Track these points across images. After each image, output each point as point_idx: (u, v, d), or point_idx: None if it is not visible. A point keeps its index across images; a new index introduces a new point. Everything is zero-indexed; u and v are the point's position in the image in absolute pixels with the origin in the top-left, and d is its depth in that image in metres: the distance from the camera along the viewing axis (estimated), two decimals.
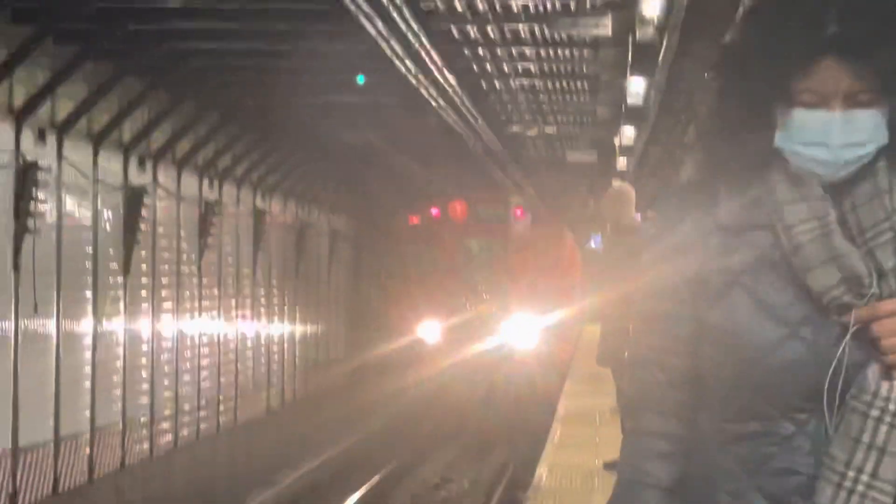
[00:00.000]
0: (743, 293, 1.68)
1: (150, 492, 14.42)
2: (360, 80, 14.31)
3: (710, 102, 1.83)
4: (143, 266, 14.87)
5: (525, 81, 15.99)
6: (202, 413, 16.58)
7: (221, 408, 17.28)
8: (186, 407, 15.83)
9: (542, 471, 10.41)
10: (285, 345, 20.97)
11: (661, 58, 12.49)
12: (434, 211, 22.21)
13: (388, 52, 11.74)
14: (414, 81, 13.33)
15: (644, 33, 11.51)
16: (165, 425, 15.38)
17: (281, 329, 20.34)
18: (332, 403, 20.98)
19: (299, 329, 21.55)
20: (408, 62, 12.41)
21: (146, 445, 14.62)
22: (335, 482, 16.99)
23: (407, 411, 20.56)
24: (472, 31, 13.31)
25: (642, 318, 1.85)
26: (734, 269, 1.70)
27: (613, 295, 10.11)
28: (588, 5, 12.16)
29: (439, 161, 21.16)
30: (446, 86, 13.97)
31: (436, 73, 13.35)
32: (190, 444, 15.84)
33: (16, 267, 11.67)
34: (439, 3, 11.98)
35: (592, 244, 28.65)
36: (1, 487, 11.24)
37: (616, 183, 15.61)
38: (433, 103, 14.66)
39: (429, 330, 21.09)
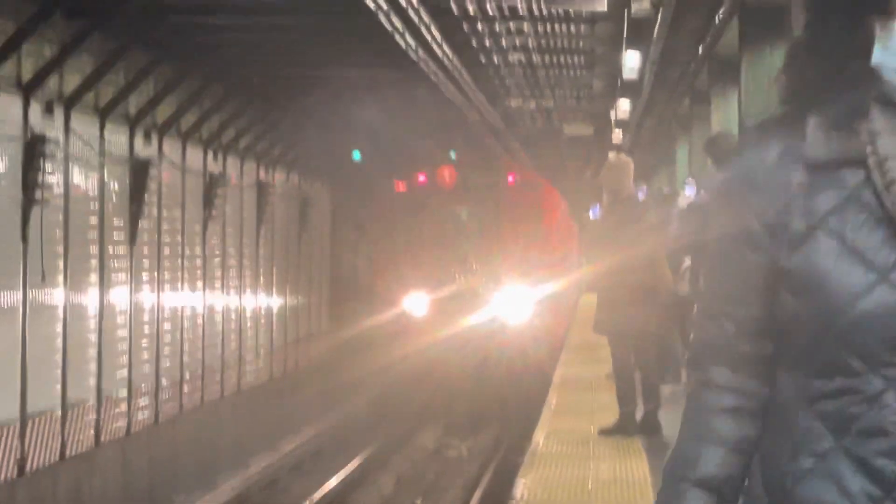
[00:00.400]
0: (828, 236, 1.56)
1: (155, 453, 14.81)
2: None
3: (801, 19, 1.64)
4: (146, 236, 15.14)
5: (522, 56, 16.23)
6: (212, 378, 17.03)
7: (243, 369, 17.96)
8: (187, 375, 16.21)
9: (539, 437, 10.41)
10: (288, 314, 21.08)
11: (655, 32, 12.54)
12: (421, 177, 21.05)
13: (389, 27, 11.89)
14: (413, 56, 13.48)
15: (639, 8, 11.54)
16: (170, 393, 15.62)
17: (282, 299, 20.59)
18: (326, 374, 21.06)
19: (298, 301, 21.65)
20: (408, 37, 12.57)
21: (151, 413, 14.96)
22: (342, 443, 17.66)
23: (398, 385, 19.88)
24: (471, 6, 13.37)
25: (712, 263, 1.73)
26: (819, 210, 1.56)
27: (610, 263, 10.19)
28: None
29: (437, 134, 20.84)
30: (445, 60, 14.14)
31: (435, 48, 13.52)
32: (194, 409, 16.22)
33: (24, 238, 11.86)
34: None
35: (591, 215, 28.67)
36: (11, 452, 11.57)
37: (613, 154, 15.83)
38: (433, 77, 14.82)
39: (416, 303, 20.28)
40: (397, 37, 12.47)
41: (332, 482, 15.11)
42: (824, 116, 1.58)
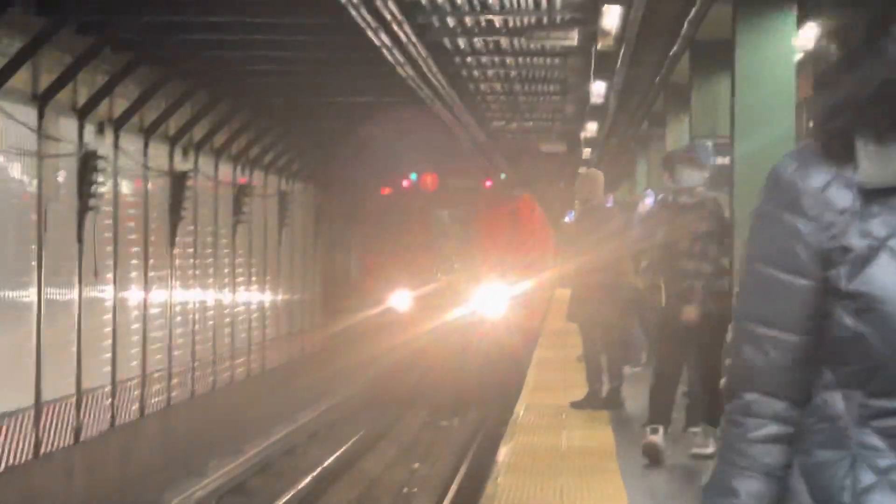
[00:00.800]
0: (892, 258, 1.45)
1: (193, 424, 15.11)
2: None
3: (850, 33, 1.51)
4: (184, 238, 15.22)
5: (505, 85, 16.52)
6: (238, 360, 17.20)
7: (253, 355, 17.97)
8: (217, 357, 16.45)
9: (519, 409, 10.58)
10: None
11: (618, 64, 12.74)
12: (405, 182, 20.36)
13: (391, 59, 12.24)
14: (412, 84, 13.79)
15: (604, 44, 11.46)
16: (204, 371, 15.95)
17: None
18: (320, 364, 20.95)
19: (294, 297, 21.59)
20: (407, 68, 12.89)
21: (187, 389, 15.33)
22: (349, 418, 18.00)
23: (388, 372, 19.45)
24: (462, 42, 13.71)
25: (754, 288, 1.57)
26: (880, 233, 1.46)
27: (581, 261, 10.47)
28: (558, 20, 12.57)
29: (429, 150, 20.12)
30: (439, 88, 14.37)
31: (430, 77, 13.75)
32: (225, 386, 16.52)
33: (79, 239, 12.14)
34: (434, 20, 12.41)
35: (567, 219, 28.54)
36: (68, 422, 11.84)
37: (585, 168, 16.10)
38: (427, 102, 15.05)
39: (402, 300, 19.63)
40: (398, 68, 12.80)
41: (344, 448, 15.53)
42: (872, 139, 1.46)
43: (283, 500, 12.74)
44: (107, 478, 12.76)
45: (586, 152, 21.42)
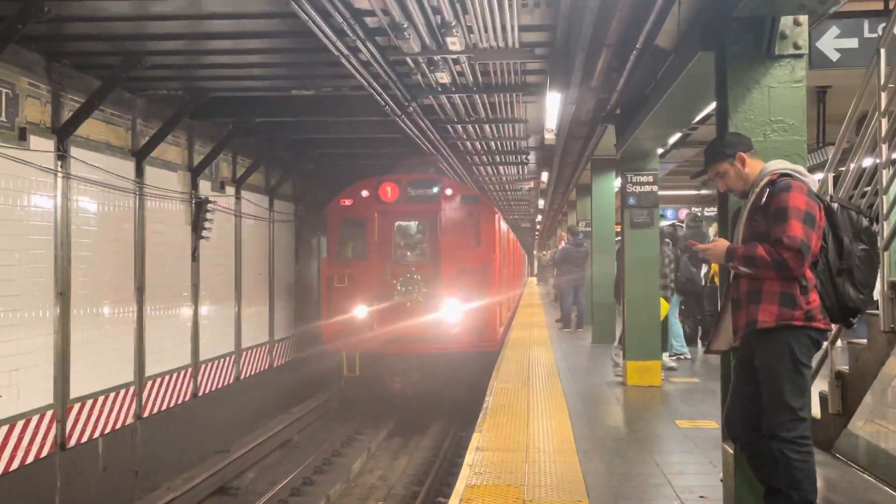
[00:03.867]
0: None
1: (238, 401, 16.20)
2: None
3: None
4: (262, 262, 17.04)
5: (486, 158, 18.14)
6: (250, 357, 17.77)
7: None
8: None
9: (493, 381, 11.09)
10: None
11: (556, 158, 16.10)
12: (364, 192, 16.40)
13: (388, 109, 11.69)
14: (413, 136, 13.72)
15: (549, 139, 13.81)
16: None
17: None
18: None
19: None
20: (406, 120, 12.53)
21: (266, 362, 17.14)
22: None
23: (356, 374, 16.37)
24: (457, 129, 14.26)
25: None
26: None
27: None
28: (522, 133, 14.76)
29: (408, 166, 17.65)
30: (430, 134, 14.17)
31: (424, 128, 13.44)
32: (251, 375, 16.95)
33: (194, 258, 14.10)
34: (433, 102, 12.20)
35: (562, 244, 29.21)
36: (188, 386, 13.70)
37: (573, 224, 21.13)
38: (423, 147, 15.20)
39: (362, 312, 15.89)
40: (395, 117, 12.24)
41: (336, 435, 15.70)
42: None
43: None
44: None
45: (540, 203, 26.46)
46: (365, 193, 16.41)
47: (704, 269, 13.08)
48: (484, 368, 14.36)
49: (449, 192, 16.37)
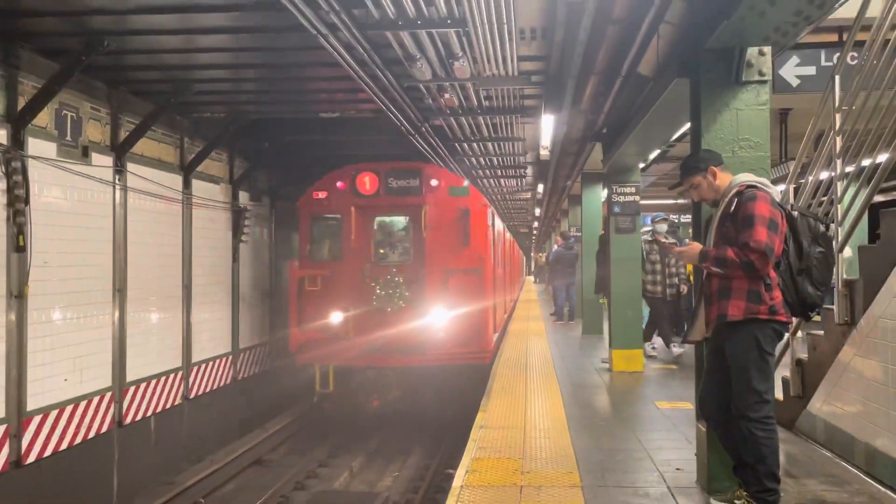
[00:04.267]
0: None
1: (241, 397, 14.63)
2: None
3: None
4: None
5: (489, 171, 17.70)
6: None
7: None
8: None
9: (495, 367, 11.06)
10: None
11: (550, 171, 15.98)
12: (339, 184, 12.97)
13: (403, 129, 10.94)
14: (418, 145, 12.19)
15: (544, 155, 13.71)
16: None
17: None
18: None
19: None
20: (419, 138, 11.68)
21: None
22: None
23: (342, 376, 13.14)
24: (464, 146, 13.44)
25: None
26: None
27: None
28: (521, 149, 14.18)
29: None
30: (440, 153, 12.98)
31: (436, 146, 12.38)
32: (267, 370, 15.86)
33: (234, 259, 14.09)
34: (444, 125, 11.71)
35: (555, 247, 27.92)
36: (230, 371, 13.49)
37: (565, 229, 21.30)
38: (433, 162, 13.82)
39: (338, 319, 12.59)
40: (405, 133, 11.41)
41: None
42: None
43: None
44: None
45: (536, 211, 26.12)
46: (340, 185, 13.02)
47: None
48: (476, 383, 11.81)
49: (434, 182, 12.92)
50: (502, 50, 8.11)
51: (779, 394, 6.52)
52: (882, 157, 5.44)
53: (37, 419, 8.90)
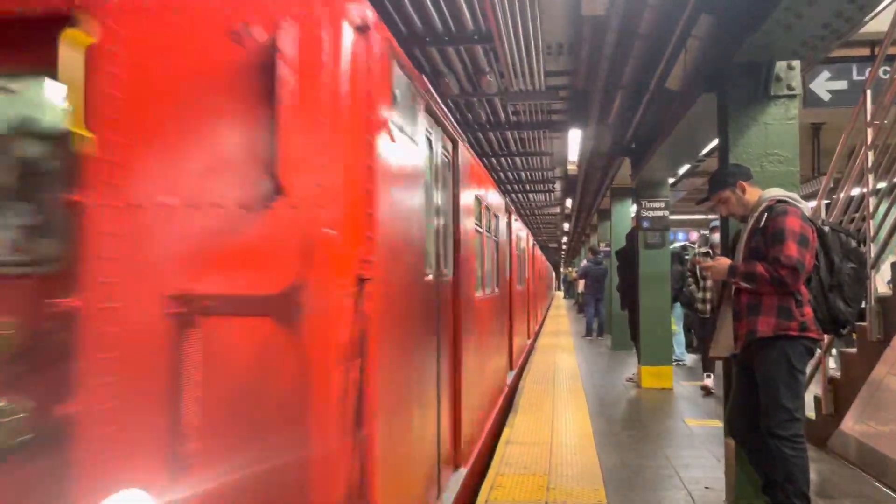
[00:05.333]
0: None
1: None
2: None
3: None
4: None
5: (519, 186, 18.14)
6: None
7: None
8: None
9: (523, 382, 10.94)
10: None
11: (578, 187, 16.32)
12: None
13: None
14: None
15: (571, 171, 14.34)
16: None
17: None
18: None
19: None
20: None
21: None
22: None
23: None
24: (492, 161, 13.99)
25: None
26: None
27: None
28: (549, 164, 14.69)
29: None
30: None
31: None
32: None
33: None
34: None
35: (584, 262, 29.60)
36: None
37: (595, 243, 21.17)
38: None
39: None
40: None
41: None
42: None
43: None
44: None
45: (565, 226, 26.07)
46: None
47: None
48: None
49: None
50: (529, 64, 8.15)
51: (810, 412, 6.42)
52: None
53: None
